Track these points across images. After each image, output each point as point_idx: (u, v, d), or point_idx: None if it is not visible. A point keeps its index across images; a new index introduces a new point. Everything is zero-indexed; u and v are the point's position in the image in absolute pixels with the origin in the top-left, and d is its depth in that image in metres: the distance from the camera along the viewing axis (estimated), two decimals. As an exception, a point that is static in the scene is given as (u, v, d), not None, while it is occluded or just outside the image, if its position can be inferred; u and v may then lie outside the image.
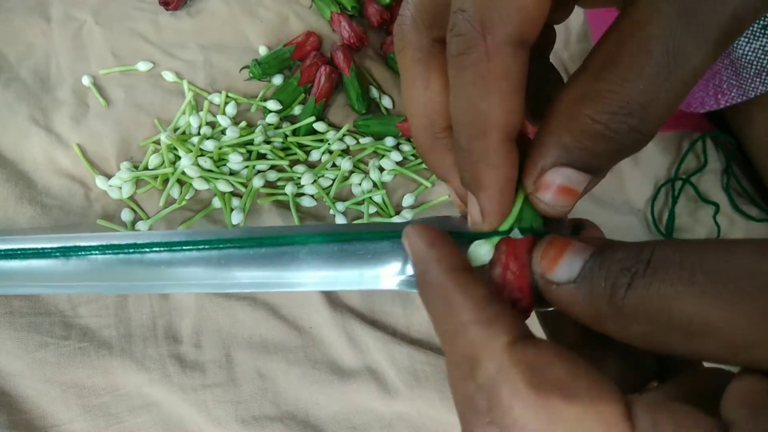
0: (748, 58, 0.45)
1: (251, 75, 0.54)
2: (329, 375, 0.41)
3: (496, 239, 0.20)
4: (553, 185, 0.18)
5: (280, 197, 0.48)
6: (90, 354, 0.40)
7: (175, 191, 0.47)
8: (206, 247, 0.23)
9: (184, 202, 0.47)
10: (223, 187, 0.47)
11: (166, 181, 0.47)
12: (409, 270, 0.22)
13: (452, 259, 0.18)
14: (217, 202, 0.47)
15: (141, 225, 0.46)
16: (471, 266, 0.18)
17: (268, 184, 0.49)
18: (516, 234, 0.19)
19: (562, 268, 0.17)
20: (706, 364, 0.19)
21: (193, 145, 0.48)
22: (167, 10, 0.57)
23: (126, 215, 0.46)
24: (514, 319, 0.17)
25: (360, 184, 0.50)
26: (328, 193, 0.49)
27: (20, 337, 0.40)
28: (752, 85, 0.46)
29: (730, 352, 0.14)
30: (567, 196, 0.19)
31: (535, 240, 0.19)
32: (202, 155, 0.48)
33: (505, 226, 0.20)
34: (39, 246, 0.24)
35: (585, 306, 0.17)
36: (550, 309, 0.20)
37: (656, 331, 0.15)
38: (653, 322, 0.15)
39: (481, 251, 0.20)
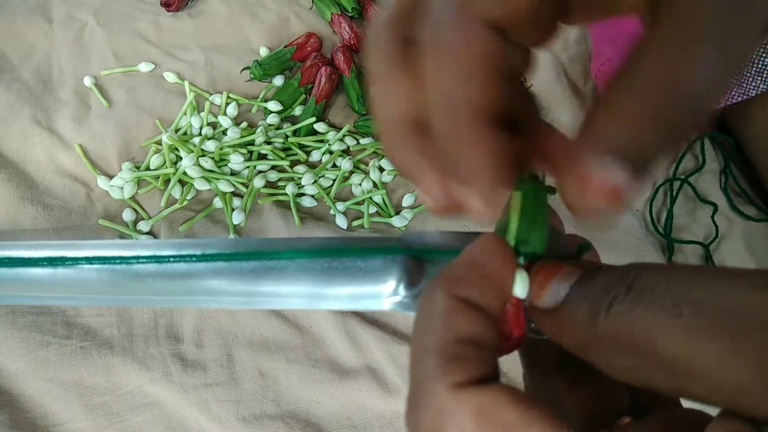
0: None
1: (252, 76, 0.54)
2: (330, 374, 0.41)
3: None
4: (598, 182, 0.16)
5: (281, 197, 0.49)
6: (92, 353, 0.40)
7: (176, 191, 0.47)
8: (193, 259, 0.22)
9: (185, 202, 0.47)
10: (224, 187, 0.47)
11: (167, 181, 0.48)
12: (403, 290, 0.21)
13: (466, 288, 0.17)
14: (218, 202, 0.47)
15: (143, 225, 0.46)
16: (483, 305, 0.17)
17: (269, 185, 0.49)
18: (519, 260, 0.18)
19: (549, 294, 0.17)
20: (686, 403, 0.18)
21: (194, 146, 0.48)
22: (168, 11, 0.58)
23: (127, 215, 0.46)
24: (478, 363, 0.16)
25: (360, 184, 0.50)
26: (328, 193, 0.49)
27: (22, 336, 0.40)
28: (753, 84, 0.46)
29: (718, 396, 0.13)
30: (613, 198, 0.16)
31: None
32: (203, 155, 0.48)
33: (510, 243, 0.18)
34: (26, 255, 0.23)
35: (569, 333, 0.16)
36: (545, 337, 0.19)
37: (640, 366, 0.14)
38: (636, 356, 0.14)
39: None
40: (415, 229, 0.49)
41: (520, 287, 0.18)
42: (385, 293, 0.21)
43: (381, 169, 0.51)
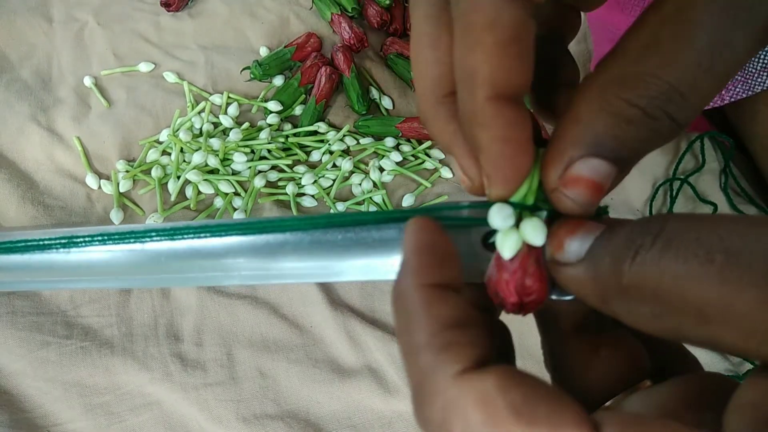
0: None
1: (252, 76, 0.54)
2: (330, 374, 0.42)
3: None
4: (582, 179, 0.16)
5: (281, 197, 0.49)
6: (92, 353, 0.40)
7: (173, 191, 0.47)
8: (207, 234, 0.21)
9: (188, 202, 0.47)
10: (225, 188, 0.47)
11: (164, 185, 0.48)
12: None
13: (430, 272, 0.17)
14: (218, 202, 0.47)
15: (149, 223, 0.46)
16: (451, 281, 0.17)
17: (269, 184, 0.49)
18: (540, 215, 0.18)
19: (572, 247, 0.16)
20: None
21: (200, 144, 0.48)
22: (168, 11, 0.58)
23: (115, 215, 0.46)
24: (472, 345, 0.15)
25: (360, 185, 0.50)
26: (328, 193, 0.49)
27: (22, 336, 0.40)
28: (758, 80, 0.45)
29: (751, 341, 0.13)
30: (594, 192, 0.17)
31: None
32: (210, 152, 0.48)
33: (529, 200, 0.18)
34: (38, 237, 0.23)
35: (591, 285, 0.16)
36: (568, 298, 0.19)
37: (667, 313, 0.14)
38: (664, 303, 0.14)
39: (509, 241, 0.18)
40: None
41: (535, 235, 0.17)
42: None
43: (381, 169, 0.51)
